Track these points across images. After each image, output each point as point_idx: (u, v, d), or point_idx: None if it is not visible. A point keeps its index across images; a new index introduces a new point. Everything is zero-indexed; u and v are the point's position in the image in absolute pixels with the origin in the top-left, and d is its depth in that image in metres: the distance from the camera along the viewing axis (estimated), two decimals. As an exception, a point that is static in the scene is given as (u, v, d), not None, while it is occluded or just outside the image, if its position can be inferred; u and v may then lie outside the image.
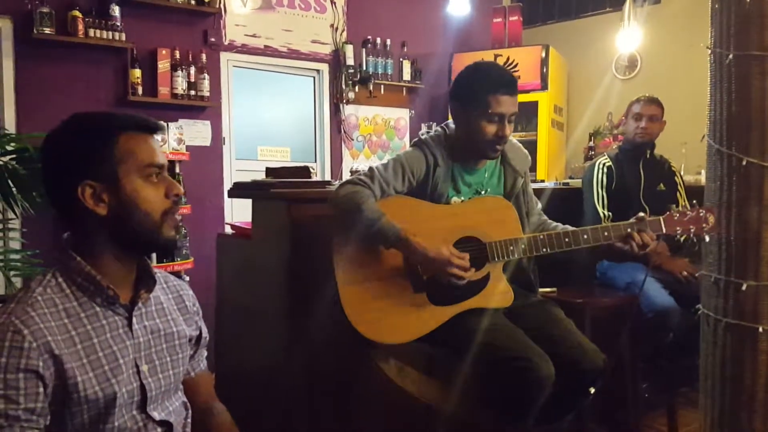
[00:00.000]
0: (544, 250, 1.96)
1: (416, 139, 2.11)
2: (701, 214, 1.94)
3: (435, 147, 2.03)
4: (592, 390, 1.89)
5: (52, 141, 1.16)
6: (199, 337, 1.38)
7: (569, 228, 2.05)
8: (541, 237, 1.97)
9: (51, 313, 1.08)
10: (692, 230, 1.95)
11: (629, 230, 1.96)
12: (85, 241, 1.15)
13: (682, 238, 1.99)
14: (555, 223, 2.15)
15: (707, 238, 1.97)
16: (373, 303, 1.90)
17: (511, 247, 1.96)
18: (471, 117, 1.97)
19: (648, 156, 3.00)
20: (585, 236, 1.96)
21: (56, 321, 1.08)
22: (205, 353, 1.43)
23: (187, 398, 1.35)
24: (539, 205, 2.21)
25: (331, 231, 1.95)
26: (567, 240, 1.96)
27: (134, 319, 1.19)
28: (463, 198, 2.06)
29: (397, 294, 1.92)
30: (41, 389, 1.04)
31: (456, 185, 2.05)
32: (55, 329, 1.07)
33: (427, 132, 2.12)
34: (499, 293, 1.97)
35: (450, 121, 2.11)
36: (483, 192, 2.09)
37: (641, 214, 1.99)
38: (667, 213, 2.00)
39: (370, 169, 1.98)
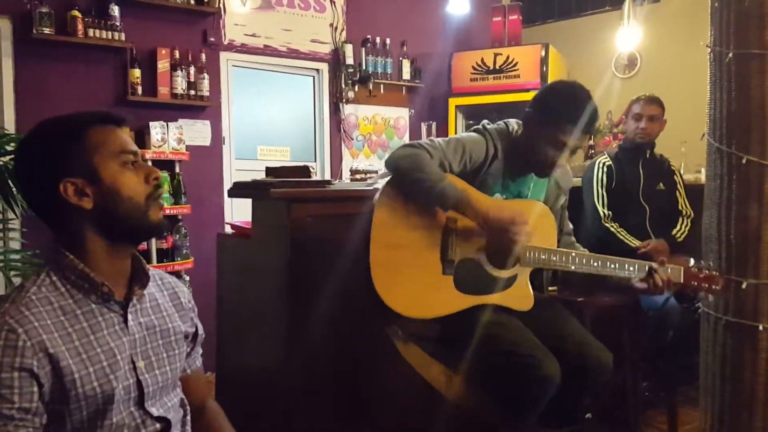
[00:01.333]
0: (572, 267, 1.96)
1: (479, 126, 2.06)
2: (716, 276, 1.96)
3: (498, 139, 2.00)
4: (588, 415, 1.91)
5: (25, 148, 1.19)
6: (195, 333, 1.38)
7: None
8: (573, 254, 1.97)
9: (47, 312, 1.09)
10: (705, 288, 1.97)
11: (653, 267, 1.96)
12: (75, 240, 1.16)
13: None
14: (583, 249, 2.15)
15: (711, 298, 2.00)
16: (400, 270, 1.90)
17: (544, 257, 1.95)
18: (539, 130, 1.95)
19: (648, 155, 3.00)
20: (612, 265, 1.97)
21: (52, 319, 1.09)
22: (201, 351, 1.43)
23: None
24: (570, 226, 2.21)
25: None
26: (596, 264, 1.97)
27: (129, 316, 1.19)
28: (505, 198, 2.04)
29: (425, 269, 1.91)
30: (35, 388, 1.04)
31: (504, 183, 2.03)
32: (50, 327, 1.08)
33: (491, 123, 2.07)
34: (520, 296, 1.98)
35: (514, 120, 2.07)
36: (525, 197, 2.08)
37: (663, 258, 2.01)
38: (687, 267, 2.01)
39: (431, 140, 1.95)
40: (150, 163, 3.81)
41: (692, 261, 2.02)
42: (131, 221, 1.17)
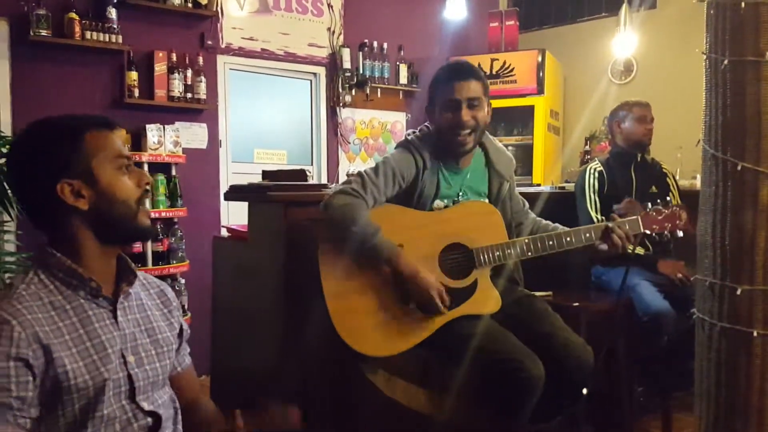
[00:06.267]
0: (529, 254, 2.00)
1: (402, 140, 2.13)
2: (675, 211, 1.99)
3: (422, 147, 2.06)
4: (585, 391, 1.90)
5: (21, 148, 1.20)
6: (181, 330, 1.41)
7: (559, 227, 2.10)
8: (526, 241, 2.01)
9: (37, 306, 1.11)
10: (668, 227, 2.00)
11: (609, 226, 2.02)
12: (67, 241, 1.18)
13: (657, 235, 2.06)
14: (546, 221, 2.16)
15: (680, 234, 2.02)
16: (363, 316, 1.90)
17: (498, 253, 1.98)
18: (435, 112, 2.07)
19: (639, 159, 3.01)
20: (568, 238, 2.02)
21: (43, 313, 1.11)
22: (188, 349, 1.46)
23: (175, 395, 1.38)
24: (527, 206, 2.22)
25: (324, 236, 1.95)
26: (551, 243, 2.01)
27: (119, 312, 1.22)
28: (446, 202, 2.06)
29: (386, 305, 1.92)
30: (30, 378, 1.06)
31: (440, 186, 2.06)
32: (42, 320, 1.10)
33: (413, 132, 2.14)
34: (487, 299, 1.98)
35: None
36: (463, 194, 2.10)
37: (613, 214, 2.08)
38: (644, 212, 2.07)
39: (361, 175, 1.97)
40: (146, 166, 3.82)
41: (649, 205, 2.06)
42: (123, 224, 1.21)
